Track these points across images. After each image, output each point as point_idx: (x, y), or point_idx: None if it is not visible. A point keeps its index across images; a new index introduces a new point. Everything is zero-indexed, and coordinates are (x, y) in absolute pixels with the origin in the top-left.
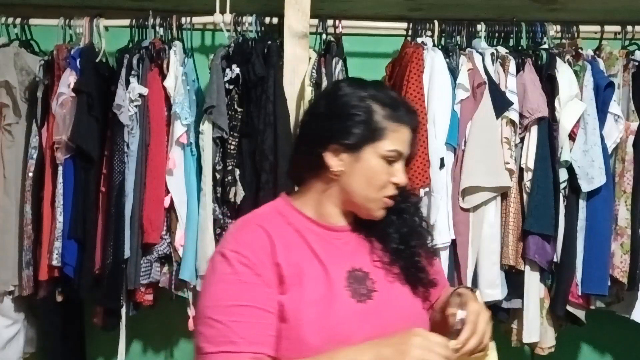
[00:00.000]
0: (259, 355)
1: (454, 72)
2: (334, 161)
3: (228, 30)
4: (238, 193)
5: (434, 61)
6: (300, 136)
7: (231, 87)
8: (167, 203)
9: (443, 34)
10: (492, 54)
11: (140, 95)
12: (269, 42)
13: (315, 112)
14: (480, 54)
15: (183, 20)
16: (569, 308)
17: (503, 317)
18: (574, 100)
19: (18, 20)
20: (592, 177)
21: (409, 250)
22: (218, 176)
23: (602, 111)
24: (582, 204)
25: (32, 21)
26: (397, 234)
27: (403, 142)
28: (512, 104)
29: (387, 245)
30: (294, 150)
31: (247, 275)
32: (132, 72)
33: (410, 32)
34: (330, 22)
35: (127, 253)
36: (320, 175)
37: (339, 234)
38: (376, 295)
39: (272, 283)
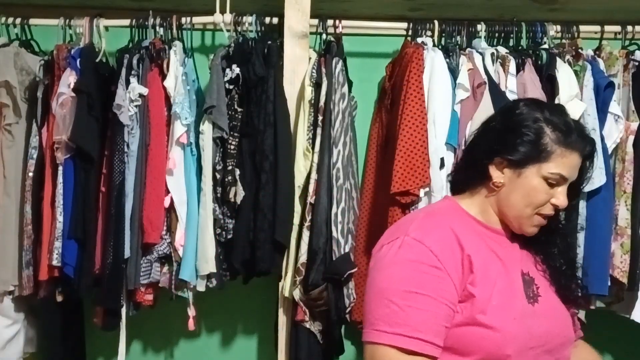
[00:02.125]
0: (428, 343)
1: (454, 72)
2: (496, 173)
3: (228, 30)
4: (238, 193)
5: (434, 61)
6: (471, 145)
7: (231, 87)
8: (167, 203)
9: (443, 34)
10: (492, 54)
11: (140, 95)
12: (269, 42)
13: (489, 126)
14: (480, 54)
15: (183, 20)
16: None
17: None
18: (574, 100)
19: (18, 20)
20: (592, 177)
21: (571, 271)
22: (218, 176)
23: (602, 111)
24: (582, 204)
25: (32, 21)
26: (561, 256)
27: (569, 167)
28: None
29: (549, 261)
30: (464, 157)
31: (427, 267)
32: (132, 72)
33: (410, 32)
34: (330, 22)
35: (127, 253)
36: (484, 183)
37: (504, 238)
38: (541, 300)
39: (457, 275)
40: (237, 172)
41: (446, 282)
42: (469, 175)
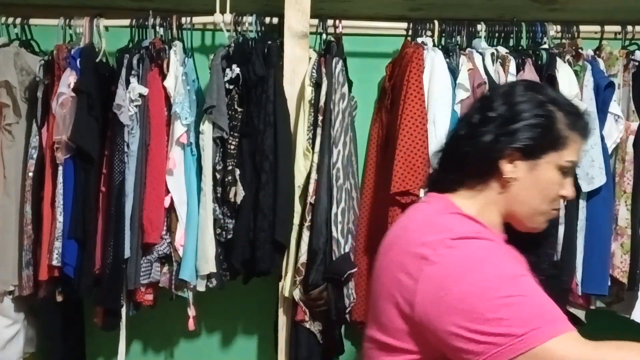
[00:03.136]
0: (568, 319)
1: (454, 72)
2: (508, 167)
3: (228, 30)
4: (238, 193)
5: (434, 61)
6: (466, 137)
7: (231, 87)
8: (167, 203)
9: (443, 34)
10: (492, 54)
11: (141, 95)
12: (269, 42)
13: (490, 115)
14: (481, 53)
15: (183, 20)
16: (569, 308)
17: None
18: (574, 100)
19: (18, 20)
20: (592, 177)
21: (557, 272)
22: (218, 176)
23: (602, 111)
24: (582, 204)
25: (32, 21)
26: (547, 258)
27: (580, 153)
28: None
29: (538, 265)
30: (452, 152)
31: (505, 252)
32: (132, 72)
33: (410, 32)
34: (330, 22)
35: (127, 253)
36: (487, 181)
37: (505, 244)
38: None
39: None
40: (237, 172)
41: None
42: (467, 171)
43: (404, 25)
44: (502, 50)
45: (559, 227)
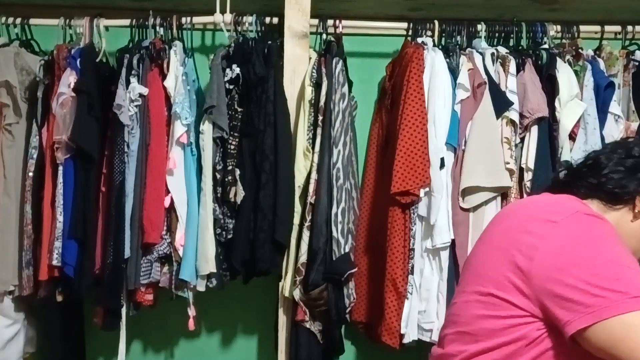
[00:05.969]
0: None
1: (454, 72)
2: None
3: (228, 30)
4: (238, 193)
5: (434, 61)
6: (617, 163)
7: (231, 87)
8: (167, 203)
9: (443, 34)
10: (493, 54)
11: (141, 95)
12: (269, 42)
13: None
14: (481, 54)
15: (183, 20)
16: None
17: None
18: (574, 100)
19: (18, 20)
20: None
21: None
22: (218, 176)
23: (602, 111)
24: None
25: (32, 21)
26: None
27: None
28: (512, 104)
29: None
30: (597, 166)
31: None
32: (133, 72)
33: (410, 32)
34: (330, 22)
35: (127, 253)
36: (619, 205)
37: None
38: None
39: None
40: (237, 172)
41: None
42: (605, 190)
43: (404, 25)
44: (502, 50)
45: None
